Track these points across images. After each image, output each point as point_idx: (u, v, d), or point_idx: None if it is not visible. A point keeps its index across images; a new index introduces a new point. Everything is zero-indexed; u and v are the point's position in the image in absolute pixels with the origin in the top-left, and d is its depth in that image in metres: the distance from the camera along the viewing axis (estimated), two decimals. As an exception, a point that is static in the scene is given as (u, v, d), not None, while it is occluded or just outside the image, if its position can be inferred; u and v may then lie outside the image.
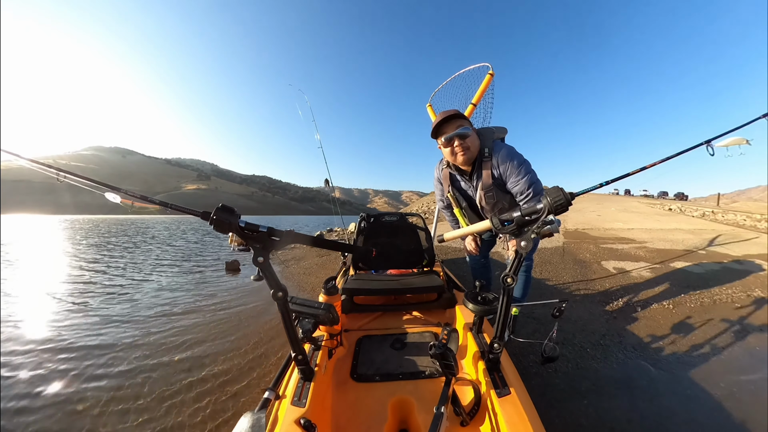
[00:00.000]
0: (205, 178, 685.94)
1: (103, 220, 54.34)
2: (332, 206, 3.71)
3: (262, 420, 0.91)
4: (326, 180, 3.42)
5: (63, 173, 0.97)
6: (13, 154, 0.98)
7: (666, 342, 2.26)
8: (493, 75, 2.74)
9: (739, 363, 1.97)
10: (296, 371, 1.08)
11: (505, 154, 1.75)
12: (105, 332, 2.81)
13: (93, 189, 0.98)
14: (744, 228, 7.25)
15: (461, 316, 1.58)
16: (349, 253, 2.60)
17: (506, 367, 1.11)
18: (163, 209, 0.99)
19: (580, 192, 0.95)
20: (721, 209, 10.98)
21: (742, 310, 2.72)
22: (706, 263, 4.20)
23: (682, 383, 1.80)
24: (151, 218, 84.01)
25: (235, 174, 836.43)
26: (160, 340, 2.61)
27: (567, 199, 0.88)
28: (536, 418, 0.93)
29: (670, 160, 1.09)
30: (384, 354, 1.44)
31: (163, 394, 1.88)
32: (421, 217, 2.58)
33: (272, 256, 0.95)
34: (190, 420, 1.66)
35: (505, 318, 1.05)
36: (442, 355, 0.99)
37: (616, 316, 2.71)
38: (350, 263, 2.44)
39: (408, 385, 1.23)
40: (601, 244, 5.69)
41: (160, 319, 3.14)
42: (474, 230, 1.24)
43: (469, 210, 2.05)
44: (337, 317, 1.19)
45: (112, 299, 3.90)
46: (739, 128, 1.20)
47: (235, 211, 0.90)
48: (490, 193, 1.83)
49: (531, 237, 0.95)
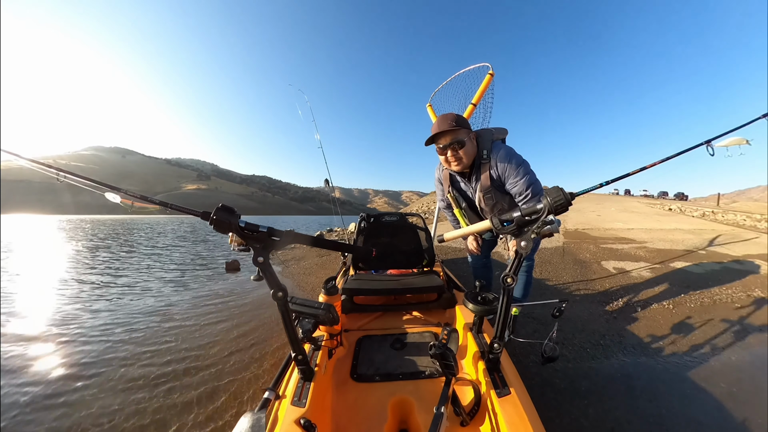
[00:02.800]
0: (205, 178, 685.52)
1: (115, 220, 54.18)
2: (332, 206, 3.71)
3: (262, 420, 0.91)
4: (326, 180, 3.42)
5: (63, 173, 0.97)
6: (13, 154, 0.98)
7: (666, 342, 2.26)
8: (493, 75, 2.74)
9: (739, 363, 1.97)
10: (296, 371, 1.08)
11: (503, 156, 1.75)
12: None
13: (93, 189, 0.98)
14: (744, 228, 7.25)
15: (461, 316, 1.58)
16: (349, 253, 2.60)
17: (506, 367, 1.11)
18: (163, 209, 0.99)
19: (580, 192, 0.95)
20: (721, 209, 10.97)
21: (742, 310, 2.72)
22: (706, 263, 4.20)
23: (682, 383, 1.80)
24: (153, 218, 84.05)
25: (235, 174, 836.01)
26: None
27: (567, 199, 0.88)
28: (536, 418, 0.93)
29: (670, 160, 1.09)
30: (384, 354, 1.44)
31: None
32: (421, 217, 2.59)
33: (272, 256, 0.95)
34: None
35: (505, 318, 1.05)
36: (442, 355, 0.99)
37: (616, 316, 2.71)
38: (350, 263, 2.44)
39: (408, 385, 1.23)
40: (601, 244, 5.69)
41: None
42: (474, 230, 1.24)
43: (469, 210, 2.05)
44: (337, 317, 1.19)
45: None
46: (739, 128, 1.20)
47: (235, 211, 0.90)
48: (489, 194, 1.83)
49: (531, 237, 0.95)
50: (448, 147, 1.74)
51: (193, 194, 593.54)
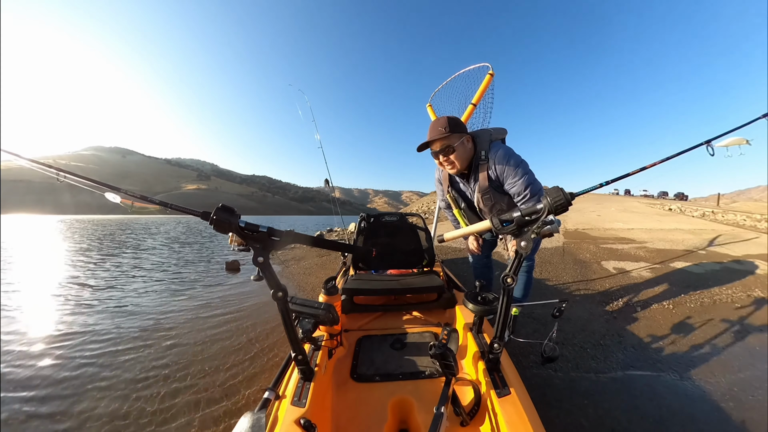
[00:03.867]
0: (205, 178, 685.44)
1: (111, 220, 53.68)
2: (332, 206, 3.71)
3: (262, 420, 0.91)
4: (326, 180, 3.42)
5: (63, 173, 0.97)
6: (13, 154, 0.98)
7: (666, 342, 2.26)
8: (493, 75, 2.74)
9: (739, 363, 1.97)
10: (296, 371, 1.08)
11: (501, 156, 1.75)
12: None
13: (93, 189, 0.98)
14: (744, 228, 7.25)
15: (461, 316, 1.58)
16: (349, 253, 2.60)
17: (506, 367, 1.11)
18: (163, 209, 0.99)
19: (580, 192, 0.95)
20: (721, 209, 10.97)
21: (742, 310, 2.72)
22: (706, 263, 4.19)
23: (682, 383, 1.80)
24: (152, 218, 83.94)
25: (235, 174, 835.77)
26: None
27: (567, 199, 0.87)
28: (536, 418, 0.93)
29: (670, 160, 1.09)
30: (384, 354, 1.44)
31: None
32: (421, 217, 2.58)
33: (272, 256, 0.95)
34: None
35: (505, 318, 1.05)
36: (442, 355, 0.99)
37: (616, 316, 2.71)
38: (350, 263, 2.44)
39: (408, 385, 1.23)
40: (601, 244, 5.69)
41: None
42: (474, 230, 1.24)
43: (468, 211, 2.05)
44: (337, 317, 1.19)
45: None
46: (739, 128, 1.20)
47: (235, 211, 0.90)
48: (487, 195, 1.83)
49: (531, 237, 0.95)
50: (439, 153, 1.76)
51: (193, 194, 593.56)
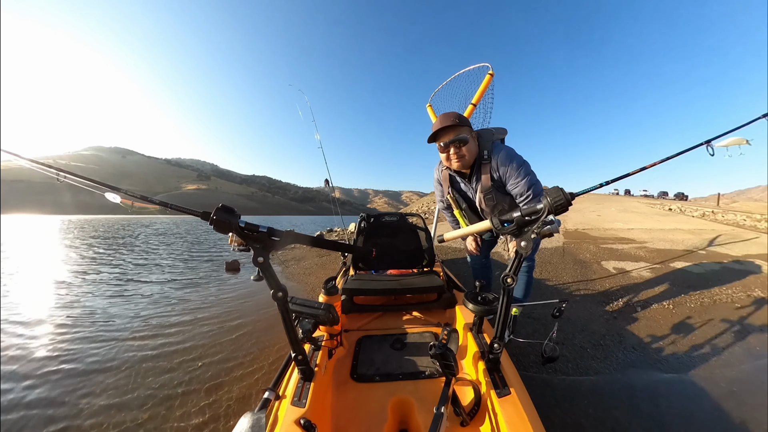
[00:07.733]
0: (205, 178, 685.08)
1: (110, 220, 53.54)
2: (332, 206, 3.71)
3: (262, 420, 0.91)
4: (326, 180, 3.42)
5: (63, 173, 0.97)
6: (13, 154, 0.98)
7: (666, 342, 2.26)
8: (493, 75, 2.74)
9: (739, 363, 1.97)
10: (296, 371, 1.08)
11: (504, 156, 1.75)
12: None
13: (93, 189, 0.98)
14: (744, 228, 7.25)
15: (461, 316, 1.58)
16: (349, 253, 2.60)
17: (506, 368, 1.11)
18: (163, 209, 0.99)
19: (580, 192, 0.95)
20: (721, 209, 10.98)
21: (742, 310, 2.72)
22: (706, 263, 4.19)
23: (683, 383, 1.80)
24: (151, 218, 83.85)
25: (235, 174, 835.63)
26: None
27: (567, 199, 0.87)
28: (536, 418, 0.93)
29: (670, 160, 1.09)
30: (384, 354, 1.44)
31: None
32: (421, 217, 2.58)
33: (272, 256, 0.95)
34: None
35: (505, 318, 1.04)
36: (442, 355, 0.99)
37: (616, 316, 2.71)
38: (350, 263, 2.44)
39: (408, 386, 1.23)
40: (601, 244, 5.69)
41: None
42: (474, 230, 1.24)
43: (469, 211, 2.05)
44: (337, 317, 1.19)
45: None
46: (739, 128, 1.20)
47: (235, 211, 0.90)
48: (490, 195, 1.83)
49: (531, 237, 0.95)
50: (450, 144, 1.73)
51: (193, 194, 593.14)
